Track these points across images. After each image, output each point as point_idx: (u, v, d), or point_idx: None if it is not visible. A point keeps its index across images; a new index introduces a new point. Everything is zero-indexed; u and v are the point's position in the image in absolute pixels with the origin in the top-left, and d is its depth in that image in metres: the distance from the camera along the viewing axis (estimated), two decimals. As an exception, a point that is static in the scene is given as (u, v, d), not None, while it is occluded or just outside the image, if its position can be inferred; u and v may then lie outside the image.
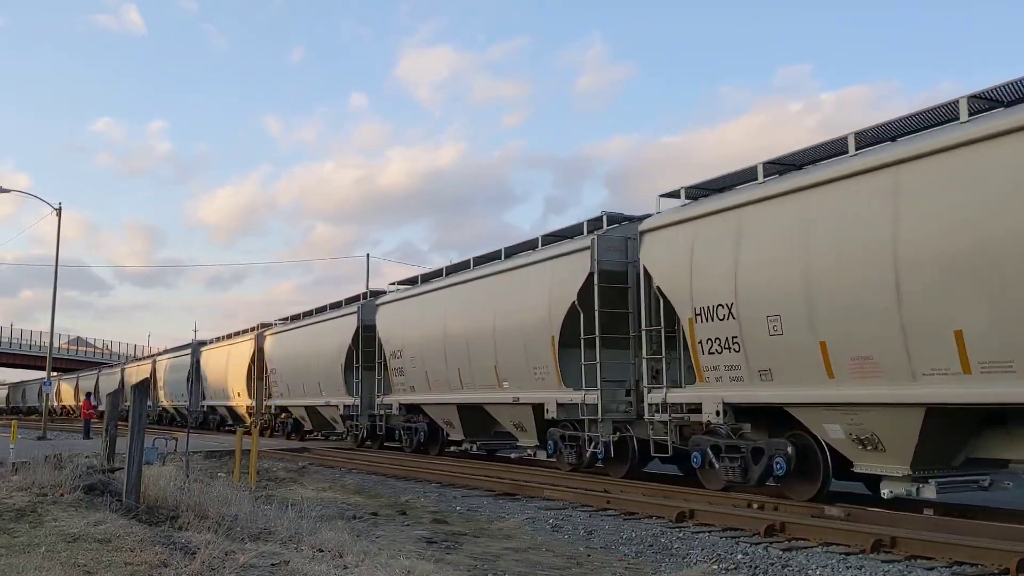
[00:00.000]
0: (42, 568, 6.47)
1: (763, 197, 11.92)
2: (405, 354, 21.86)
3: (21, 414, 76.71)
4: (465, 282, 19.80)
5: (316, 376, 28.17)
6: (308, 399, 29.13)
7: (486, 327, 18.13)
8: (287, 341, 31.35)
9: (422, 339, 21.12)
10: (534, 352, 16.68)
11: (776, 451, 11.87)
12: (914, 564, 8.01)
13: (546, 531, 10.42)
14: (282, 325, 33.07)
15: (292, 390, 30.54)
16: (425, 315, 21.17)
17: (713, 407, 12.64)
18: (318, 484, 15.26)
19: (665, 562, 8.56)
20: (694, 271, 12.89)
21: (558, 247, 16.74)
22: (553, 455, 16.94)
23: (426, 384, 21.01)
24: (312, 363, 28.55)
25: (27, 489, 10.93)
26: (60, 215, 35.22)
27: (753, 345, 11.79)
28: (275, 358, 32.36)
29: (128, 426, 10.18)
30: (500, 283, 18.39)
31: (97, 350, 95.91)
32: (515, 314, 17.39)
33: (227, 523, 8.77)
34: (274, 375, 32.35)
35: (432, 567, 7.07)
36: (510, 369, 17.47)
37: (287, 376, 31.00)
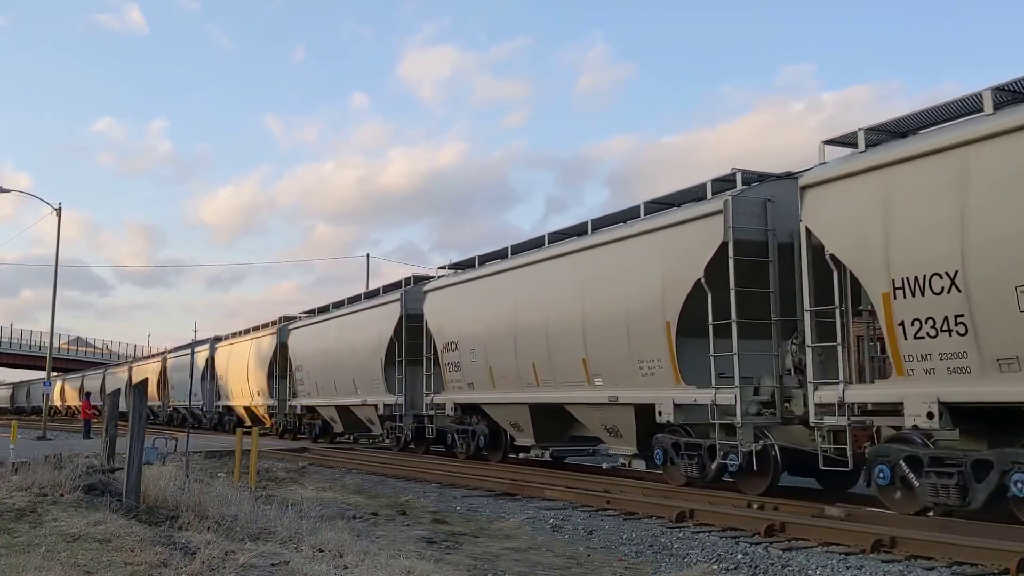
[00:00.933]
0: (42, 568, 6.47)
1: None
2: (462, 347, 19.16)
3: (25, 414, 76.33)
4: (540, 261, 16.83)
5: (350, 372, 25.56)
6: (340, 398, 26.61)
7: (572, 313, 15.52)
8: (315, 335, 28.66)
9: (485, 329, 18.21)
10: (640, 342, 14.04)
11: (1013, 465, 9.12)
12: (914, 564, 8.00)
13: (546, 531, 10.42)
14: (309, 317, 30.44)
15: (321, 388, 27.91)
16: (488, 301, 18.28)
17: (922, 407, 9.79)
18: (318, 484, 15.27)
19: (665, 562, 8.56)
20: (891, 232, 10.19)
21: (672, 214, 14.00)
22: (662, 466, 14.11)
23: (489, 381, 18.22)
24: (345, 358, 25.94)
25: (27, 489, 10.94)
26: (60, 215, 35.26)
27: (990, 326, 9.20)
28: (301, 354, 29.77)
29: (128, 426, 10.19)
30: (591, 260, 15.53)
31: (97, 350, 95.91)
32: (614, 297, 14.67)
33: (227, 523, 8.78)
34: (299, 372, 29.88)
35: (432, 567, 7.07)
36: (604, 363, 14.75)
37: (315, 373, 28.36)
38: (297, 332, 30.48)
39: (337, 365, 26.61)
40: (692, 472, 13.44)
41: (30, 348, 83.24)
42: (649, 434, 14.26)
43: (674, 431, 13.75)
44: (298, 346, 30.13)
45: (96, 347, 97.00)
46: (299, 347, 30.00)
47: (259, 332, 34.93)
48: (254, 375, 34.45)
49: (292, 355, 30.52)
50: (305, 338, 29.64)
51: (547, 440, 17.67)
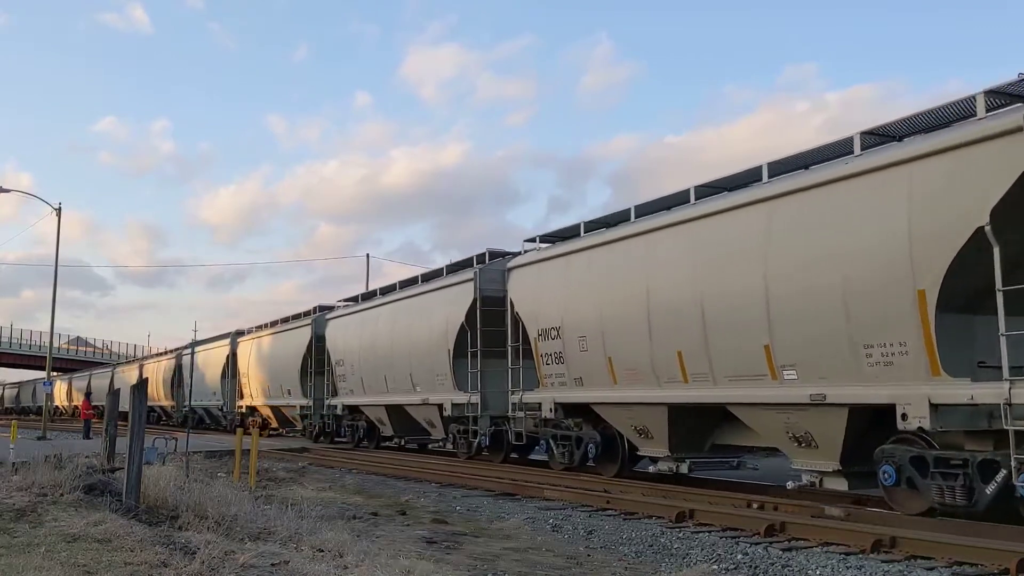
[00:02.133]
0: (42, 568, 6.47)
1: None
2: (567, 333, 15.65)
3: (31, 413, 75.58)
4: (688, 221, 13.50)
5: (405, 367, 21.87)
6: (392, 397, 22.99)
7: (747, 286, 12.37)
8: (360, 324, 25.27)
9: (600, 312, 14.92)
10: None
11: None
12: (914, 564, 8.01)
13: (546, 531, 10.42)
14: (350, 306, 27.39)
15: (368, 386, 24.33)
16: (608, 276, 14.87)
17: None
18: (318, 484, 15.27)
19: (665, 562, 8.56)
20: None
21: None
22: (890, 488, 10.67)
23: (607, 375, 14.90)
24: (400, 351, 22.19)
25: (27, 489, 10.94)
26: (60, 215, 35.23)
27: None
28: (342, 347, 26.36)
29: (128, 426, 10.19)
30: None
31: (97, 350, 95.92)
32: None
33: (227, 523, 8.78)
34: (340, 367, 26.35)
35: (432, 567, 7.07)
36: (802, 349, 11.51)
37: (361, 368, 24.81)
38: (337, 323, 27.26)
39: (389, 359, 22.93)
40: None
41: (30, 348, 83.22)
42: (861, 445, 10.92)
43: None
44: (338, 338, 26.80)
45: (96, 347, 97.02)
46: (339, 339, 26.70)
47: (289, 324, 31.63)
48: (284, 372, 31.15)
49: (331, 348, 27.23)
50: (347, 329, 26.28)
51: (685, 450, 14.05)
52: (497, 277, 18.61)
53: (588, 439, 15.74)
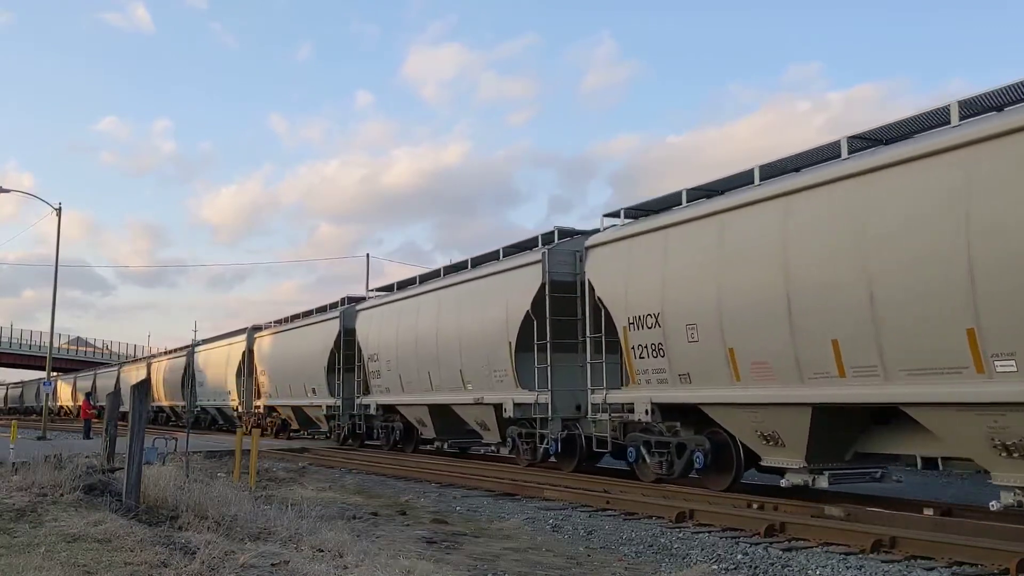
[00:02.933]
0: (42, 568, 6.47)
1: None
2: (668, 322, 13.33)
3: (35, 414, 74.60)
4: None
5: (455, 362, 19.30)
6: (437, 395, 20.43)
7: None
8: (398, 315, 22.71)
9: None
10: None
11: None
12: (914, 564, 8.01)
13: (546, 531, 10.42)
14: (384, 296, 24.74)
15: (408, 383, 21.80)
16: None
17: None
18: (318, 484, 15.27)
19: (665, 562, 8.56)
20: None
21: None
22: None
23: None
24: (448, 345, 19.69)
25: (27, 489, 10.95)
26: (60, 215, 35.24)
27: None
28: (376, 341, 23.73)
29: (128, 426, 10.19)
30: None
31: (97, 350, 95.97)
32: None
33: (227, 523, 8.79)
34: (374, 363, 23.82)
35: (432, 567, 7.07)
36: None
37: (399, 364, 22.19)
38: (369, 314, 24.72)
39: (434, 353, 20.37)
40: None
41: (30, 348, 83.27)
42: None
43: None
44: (371, 331, 24.13)
45: (96, 347, 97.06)
46: (373, 333, 24.02)
47: (312, 318, 29.46)
48: (308, 369, 28.59)
49: (362, 343, 24.73)
50: (382, 321, 23.58)
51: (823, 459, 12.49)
52: (568, 259, 16.42)
53: (694, 446, 13.27)
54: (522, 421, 17.50)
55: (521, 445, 17.78)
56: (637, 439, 14.48)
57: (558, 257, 16.50)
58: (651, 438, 14.16)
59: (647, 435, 14.27)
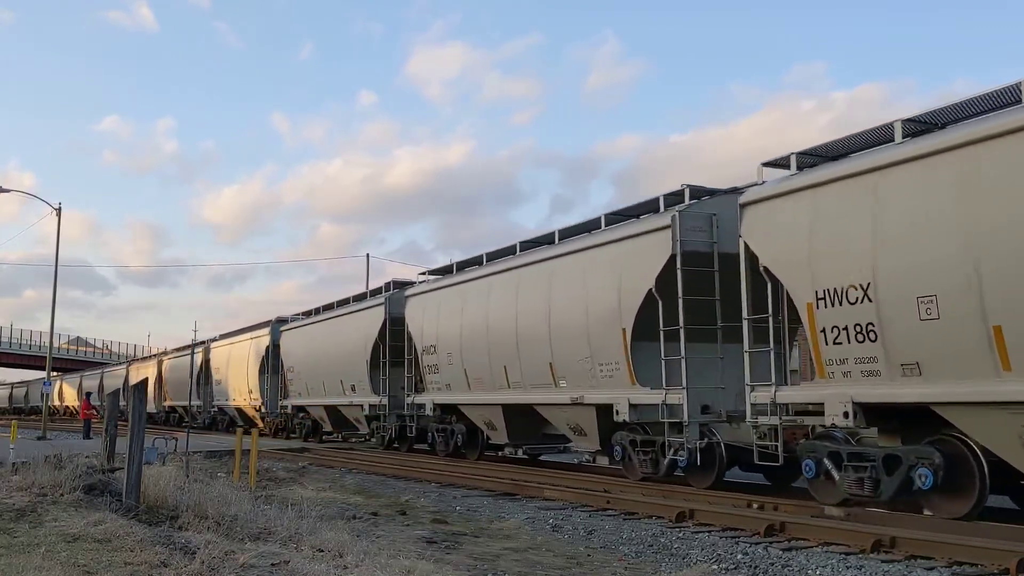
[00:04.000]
0: (42, 568, 6.47)
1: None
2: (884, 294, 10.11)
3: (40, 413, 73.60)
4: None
5: (540, 355, 16.20)
6: (514, 394, 17.17)
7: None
8: (460, 301, 19.29)
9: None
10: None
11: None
12: (914, 564, 8.01)
13: (546, 531, 10.42)
14: (441, 279, 21.11)
15: (475, 379, 18.56)
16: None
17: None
18: (318, 484, 15.27)
19: (665, 562, 8.57)
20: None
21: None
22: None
23: None
24: (531, 333, 16.58)
25: (27, 489, 10.94)
26: (60, 215, 35.25)
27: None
28: (432, 331, 20.32)
29: (128, 425, 10.19)
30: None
31: (97, 350, 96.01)
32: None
33: (227, 523, 8.79)
34: (429, 356, 20.37)
35: (432, 567, 7.07)
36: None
37: (463, 357, 18.95)
38: (423, 300, 21.23)
39: (511, 344, 17.03)
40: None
41: (30, 348, 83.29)
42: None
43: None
44: (426, 319, 20.82)
45: (96, 347, 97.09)
46: (429, 320, 20.65)
47: (351, 306, 26.35)
48: (347, 364, 25.36)
49: (415, 333, 21.35)
50: (440, 307, 20.28)
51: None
52: (703, 224, 13.34)
53: (922, 461, 9.84)
54: (635, 426, 14.55)
55: (637, 456, 14.55)
56: (821, 450, 11.05)
57: (692, 222, 13.39)
58: (841, 448, 10.89)
59: (834, 444, 11.05)
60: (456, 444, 20.45)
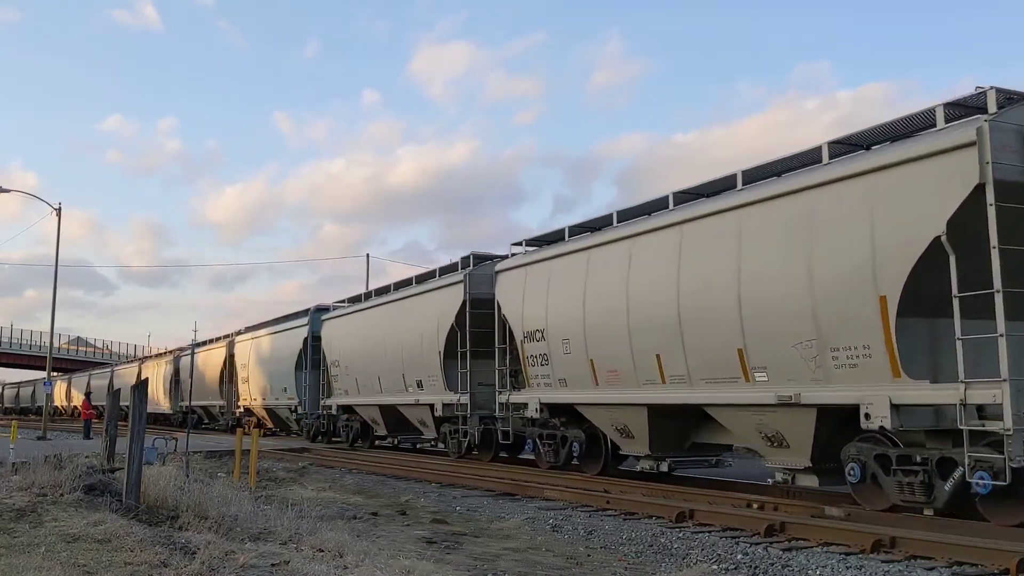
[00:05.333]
0: (42, 568, 6.47)
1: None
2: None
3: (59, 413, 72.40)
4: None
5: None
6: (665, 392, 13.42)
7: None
8: (579, 271, 15.31)
9: None
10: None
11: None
12: (914, 564, 8.01)
13: (546, 531, 10.43)
14: (543, 250, 16.93)
15: (606, 372, 14.64)
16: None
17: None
18: (318, 484, 15.27)
19: (665, 562, 8.57)
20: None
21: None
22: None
23: None
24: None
25: (27, 489, 10.94)
26: (60, 215, 35.25)
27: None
28: (538, 313, 16.40)
29: (128, 425, 10.19)
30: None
31: (97, 350, 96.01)
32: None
33: (227, 523, 8.79)
34: (534, 343, 16.47)
35: (432, 567, 7.07)
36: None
37: (585, 343, 15.00)
38: (519, 276, 17.31)
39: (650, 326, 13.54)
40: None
41: (30, 348, 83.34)
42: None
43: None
44: (527, 299, 16.81)
45: (96, 347, 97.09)
46: (532, 300, 16.63)
47: (412, 289, 22.57)
48: (414, 357, 21.27)
49: (511, 316, 17.39)
50: (548, 281, 16.28)
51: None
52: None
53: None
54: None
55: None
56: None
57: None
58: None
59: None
60: (570, 454, 16.38)
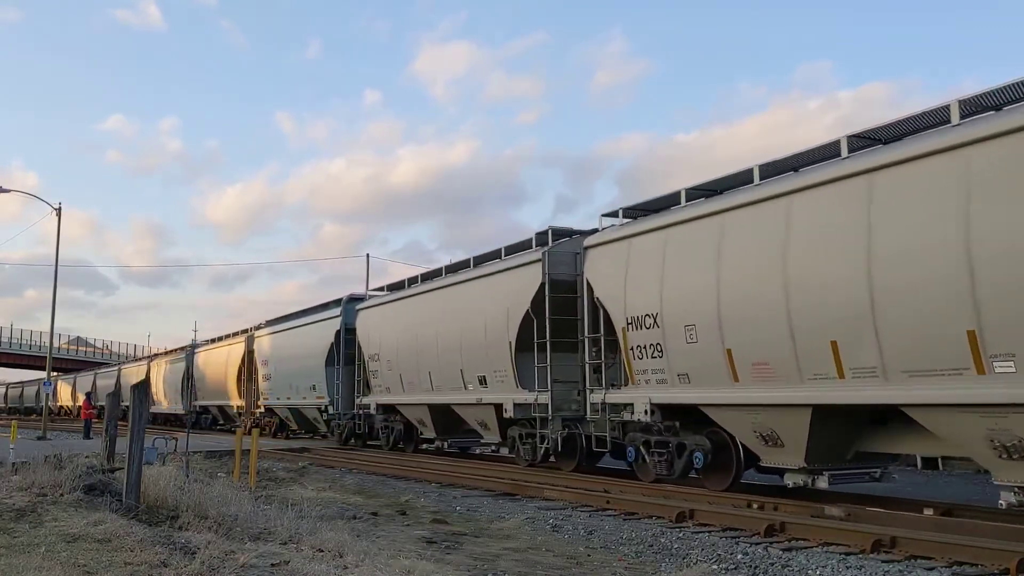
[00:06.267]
0: (42, 568, 6.47)
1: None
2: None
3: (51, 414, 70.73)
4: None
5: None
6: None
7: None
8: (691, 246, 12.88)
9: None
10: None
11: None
12: (914, 564, 8.01)
13: (546, 531, 10.42)
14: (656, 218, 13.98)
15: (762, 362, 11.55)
16: None
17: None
18: (318, 484, 15.27)
19: (665, 562, 8.57)
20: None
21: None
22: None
23: None
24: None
25: (27, 489, 10.94)
26: (60, 215, 35.21)
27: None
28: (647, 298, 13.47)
29: (128, 425, 10.19)
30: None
31: (97, 350, 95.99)
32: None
33: (227, 523, 8.79)
34: (641, 331, 13.60)
35: (432, 567, 7.07)
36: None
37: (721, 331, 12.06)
38: (616, 250, 14.56)
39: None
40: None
41: (30, 348, 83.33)
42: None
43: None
44: (635, 279, 13.90)
45: (96, 347, 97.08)
46: (642, 282, 13.71)
47: (469, 272, 19.62)
48: (475, 349, 18.41)
49: (607, 298, 14.55)
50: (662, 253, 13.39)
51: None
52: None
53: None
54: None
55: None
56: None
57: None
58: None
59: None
60: (688, 465, 13.36)
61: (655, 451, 13.87)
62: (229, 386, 36.46)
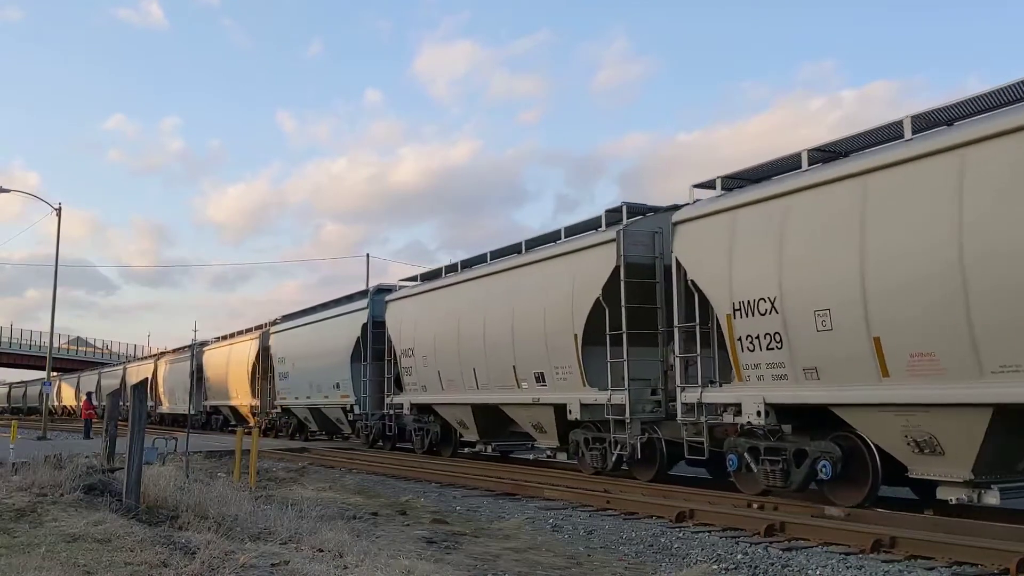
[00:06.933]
0: (42, 568, 6.47)
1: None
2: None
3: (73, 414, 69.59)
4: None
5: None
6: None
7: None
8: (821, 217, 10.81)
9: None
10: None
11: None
12: (914, 564, 8.01)
13: (546, 531, 10.42)
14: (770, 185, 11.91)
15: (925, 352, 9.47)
16: None
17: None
18: (318, 484, 15.26)
19: (665, 562, 8.57)
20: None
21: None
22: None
23: None
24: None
25: (27, 489, 10.95)
26: (60, 215, 35.24)
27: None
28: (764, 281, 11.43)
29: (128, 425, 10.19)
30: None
31: (97, 350, 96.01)
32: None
33: (227, 523, 8.79)
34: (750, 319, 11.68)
35: (432, 567, 7.07)
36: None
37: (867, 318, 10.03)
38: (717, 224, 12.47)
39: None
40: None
41: (30, 348, 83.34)
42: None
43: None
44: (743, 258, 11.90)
45: (96, 347, 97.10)
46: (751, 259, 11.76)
47: (522, 257, 17.39)
48: (533, 343, 16.24)
49: (708, 284, 12.49)
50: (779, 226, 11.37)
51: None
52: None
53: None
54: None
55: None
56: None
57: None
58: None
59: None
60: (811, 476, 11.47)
61: (765, 459, 11.92)
62: (242, 385, 34.59)
